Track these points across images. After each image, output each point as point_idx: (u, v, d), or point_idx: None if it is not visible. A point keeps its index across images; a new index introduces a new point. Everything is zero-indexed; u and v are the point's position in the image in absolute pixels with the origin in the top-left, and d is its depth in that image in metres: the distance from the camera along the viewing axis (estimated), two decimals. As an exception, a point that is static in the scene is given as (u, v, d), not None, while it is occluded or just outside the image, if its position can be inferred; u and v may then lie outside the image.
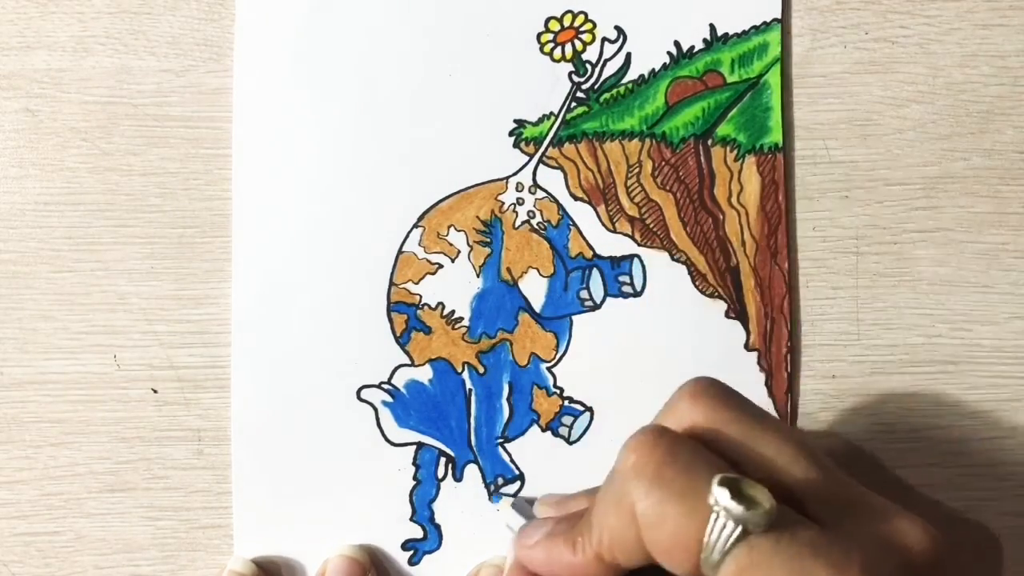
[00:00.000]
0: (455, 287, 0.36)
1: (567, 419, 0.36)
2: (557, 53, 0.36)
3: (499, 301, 0.36)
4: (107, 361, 0.36)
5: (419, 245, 0.36)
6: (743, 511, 0.24)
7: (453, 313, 0.36)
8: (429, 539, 0.36)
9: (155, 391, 0.36)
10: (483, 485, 0.36)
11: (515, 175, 0.36)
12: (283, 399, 0.35)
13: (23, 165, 0.36)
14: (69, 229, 0.36)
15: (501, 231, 0.36)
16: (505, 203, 0.36)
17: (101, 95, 0.36)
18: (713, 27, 0.36)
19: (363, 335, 0.36)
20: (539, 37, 0.36)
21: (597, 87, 0.36)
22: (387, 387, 0.36)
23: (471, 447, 0.36)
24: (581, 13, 0.36)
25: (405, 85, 0.36)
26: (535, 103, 0.36)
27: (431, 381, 0.36)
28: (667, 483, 0.25)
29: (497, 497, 0.36)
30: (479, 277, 0.36)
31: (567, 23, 0.36)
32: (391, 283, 0.36)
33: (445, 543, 0.36)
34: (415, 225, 0.36)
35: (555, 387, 0.36)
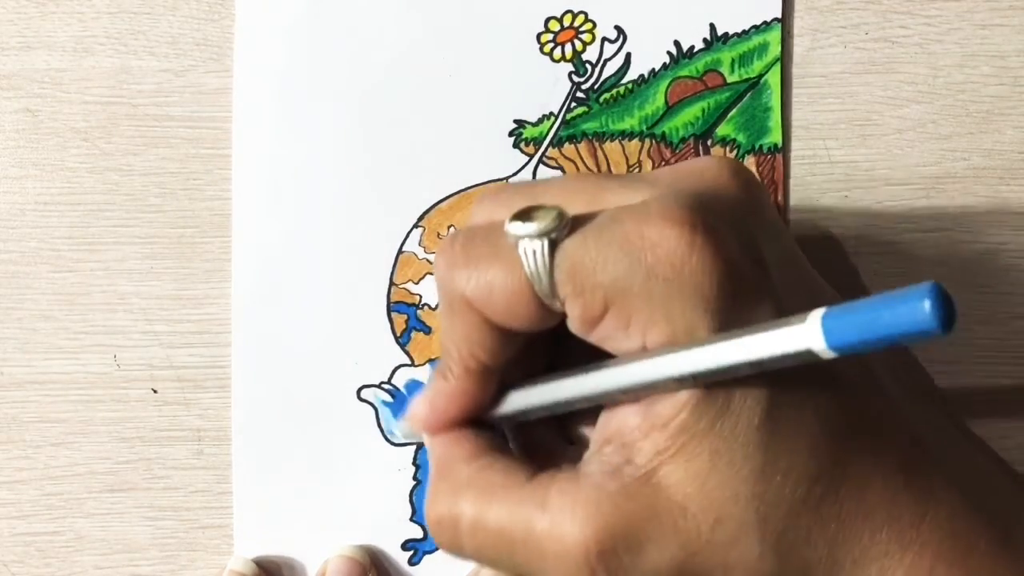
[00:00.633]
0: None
1: (567, 419, 0.36)
2: (557, 53, 0.36)
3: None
4: (107, 361, 0.36)
5: (419, 245, 0.36)
6: (538, 226, 0.25)
7: (453, 313, 0.36)
8: (429, 539, 0.36)
9: (155, 391, 0.36)
10: (483, 485, 0.36)
11: (515, 175, 0.36)
12: (283, 399, 0.36)
13: (23, 165, 0.36)
14: (69, 229, 0.36)
15: (501, 231, 0.36)
16: (505, 203, 0.36)
17: (101, 95, 0.36)
18: (713, 27, 0.36)
19: (363, 335, 0.36)
20: (539, 37, 0.36)
21: (597, 87, 0.36)
22: (387, 387, 0.36)
23: (471, 447, 0.36)
24: (581, 13, 0.36)
25: (405, 85, 0.36)
26: (535, 103, 0.36)
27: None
28: (476, 256, 0.26)
29: (392, 431, 0.36)
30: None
31: (567, 23, 0.36)
32: (391, 283, 0.36)
33: (445, 543, 0.36)
34: (415, 225, 0.36)
35: (555, 387, 0.36)
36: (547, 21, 0.36)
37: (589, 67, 0.36)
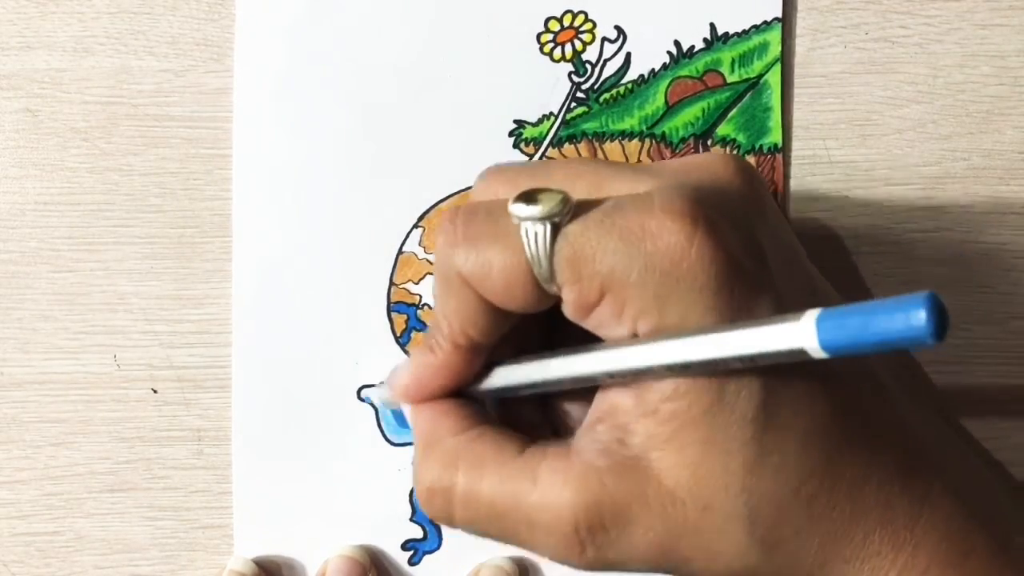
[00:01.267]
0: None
1: (567, 419, 0.36)
2: (557, 53, 0.36)
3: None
4: (107, 361, 0.36)
5: (419, 245, 0.36)
6: (541, 209, 0.25)
7: (453, 313, 0.36)
8: (429, 539, 0.36)
9: (155, 391, 0.36)
10: (483, 485, 0.36)
11: (515, 175, 0.36)
12: (283, 399, 0.36)
13: (23, 165, 0.36)
14: (69, 229, 0.36)
15: (501, 231, 0.36)
16: (505, 203, 0.36)
17: (101, 95, 0.36)
18: (713, 27, 0.36)
19: (363, 335, 0.36)
20: (539, 37, 0.36)
21: (597, 87, 0.36)
22: (387, 387, 0.36)
23: (471, 447, 0.36)
24: (581, 13, 0.36)
25: (405, 85, 0.36)
26: (535, 103, 0.36)
27: (431, 381, 0.36)
28: (476, 234, 0.26)
29: (367, 398, 0.36)
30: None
31: (567, 23, 0.36)
32: (391, 283, 0.36)
33: (445, 543, 0.36)
34: (415, 225, 0.36)
35: (555, 387, 0.36)
36: (547, 21, 0.36)
37: (589, 67, 0.36)
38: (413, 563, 0.36)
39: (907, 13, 0.36)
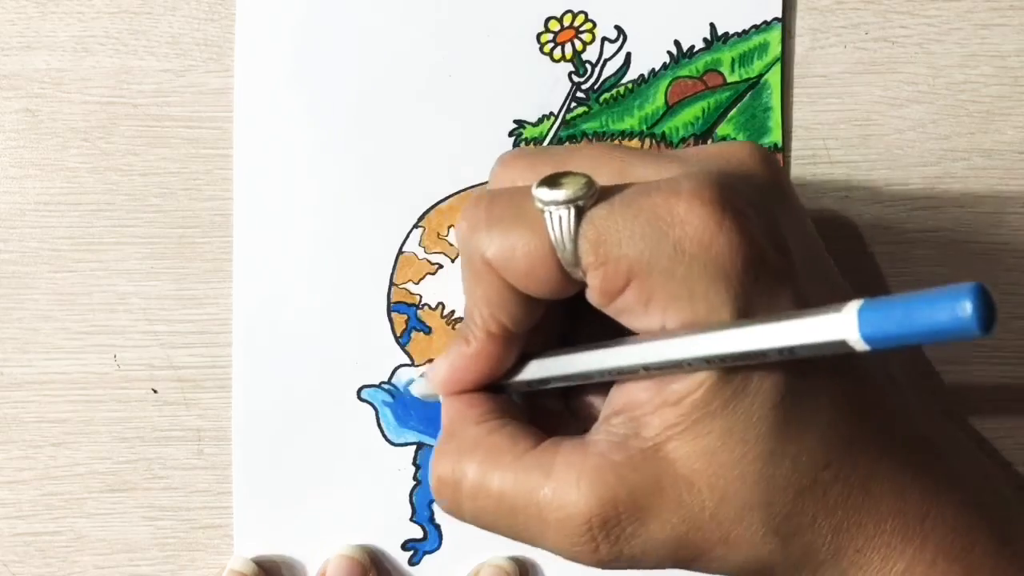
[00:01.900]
0: (455, 287, 0.36)
1: (567, 419, 0.36)
2: (557, 53, 0.36)
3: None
4: (107, 361, 0.36)
5: (419, 245, 0.36)
6: (566, 193, 0.25)
7: (453, 313, 0.36)
8: (429, 539, 0.36)
9: (155, 391, 0.36)
10: (483, 485, 0.36)
11: (515, 175, 0.36)
12: (283, 399, 0.36)
13: (23, 165, 0.36)
14: (69, 229, 0.36)
15: (501, 231, 0.36)
16: (505, 203, 0.36)
17: (101, 95, 0.36)
18: (713, 26, 0.36)
19: (363, 335, 0.36)
20: (539, 37, 0.36)
21: (597, 87, 0.36)
22: (387, 387, 0.36)
23: (471, 447, 0.36)
24: (581, 13, 0.36)
25: (405, 85, 0.36)
26: (535, 103, 0.36)
27: (431, 381, 0.36)
28: (500, 219, 0.26)
29: (406, 385, 0.36)
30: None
31: (567, 23, 0.36)
32: (391, 283, 0.36)
33: (445, 543, 0.36)
34: (415, 225, 0.36)
35: (555, 387, 0.36)
36: (547, 21, 0.36)
37: (589, 67, 0.36)
38: (413, 563, 0.36)
39: (907, 13, 0.36)
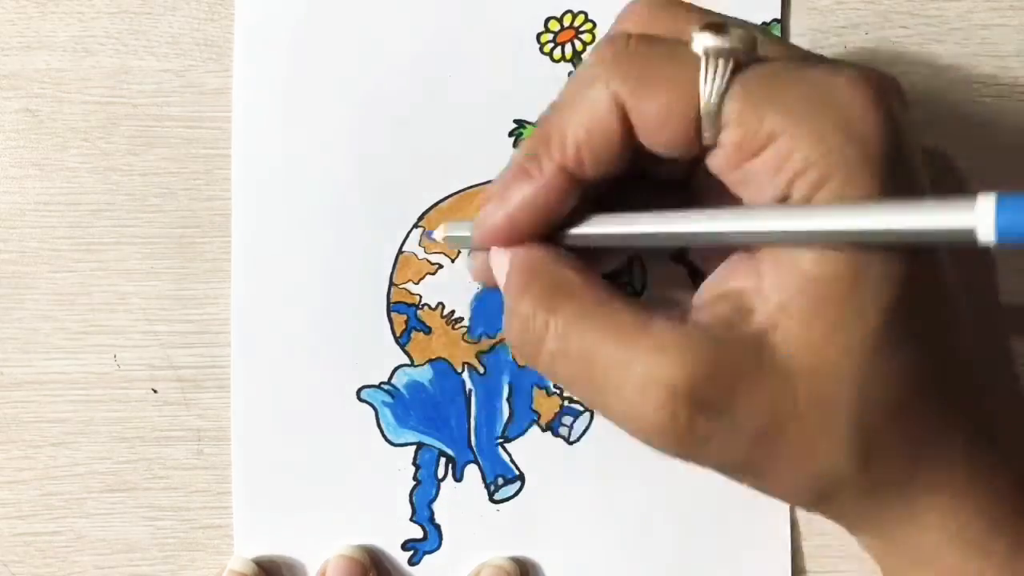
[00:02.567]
0: (455, 287, 0.36)
1: (567, 419, 0.36)
2: (557, 53, 0.36)
3: (499, 301, 0.36)
4: (107, 361, 0.36)
5: (419, 245, 0.36)
6: (731, 41, 0.24)
7: (453, 313, 0.36)
8: (429, 539, 0.36)
9: (155, 391, 0.36)
10: (483, 485, 0.36)
11: (515, 175, 0.36)
12: (283, 399, 0.36)
13: (23, 165, 0.36)
14: (69, 229, 0.36)
15: (501, 231, 0.36)
16: (505, 203, 0.36)
17: (101, 95, 0.36)
18: (713, 27, 0.36)
19: (363, 335, 0.36)
20: (539, 37, 0.36)
21: (597, 87, 0.36)
22: (387, 387, 0.36)
23: (471, 447, 0.36)
24: (581, 13, 0.36)
25: (405, 85, 0.36)
26: (535, 103, 0.36)
27: (431, 381, 0.36)
28: (649, 55, 0.25)
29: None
30: (479, 277, 0.36)
31: (567, 23, 0.36)
32: (391, 283, 0.36)
33: (445, 543, 0.36)
34: (415, 225, 0.36)
35: (555, 387, 0.36)
36: (547, 21, 0.36)
37: (589, 67, 0.36)
38: (413, 563, 0.36)
39: (907, 13, 0.36)
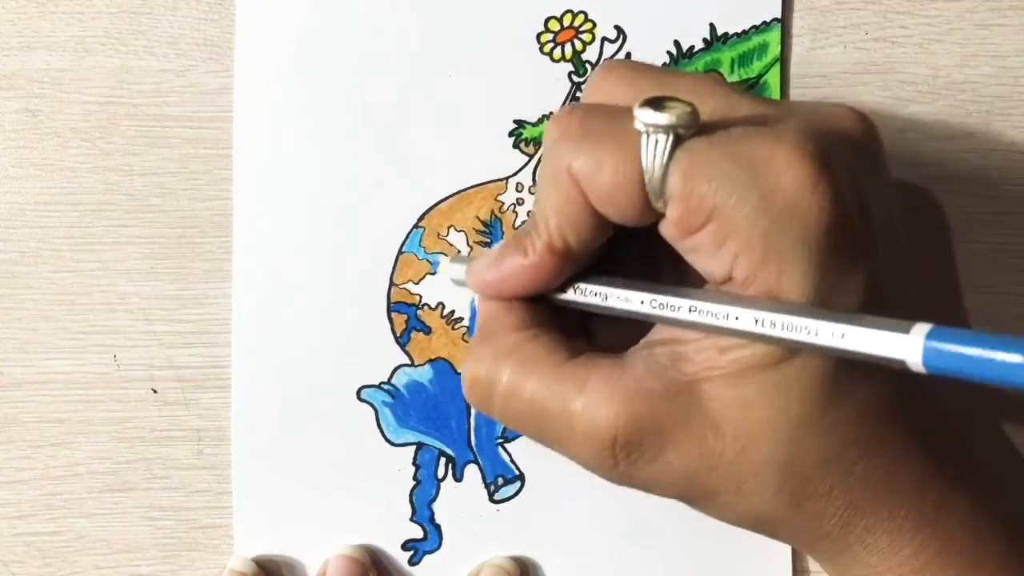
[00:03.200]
0: (455, 287, 0.36)
1: (567, 419, 0.36)
2: (557, 53, 0.36)
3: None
4: (107, 361, 0.36)
5: (419, 246, 0.36)
6: (669, 118, 0.24)
7: (453, 313, 0.36)
8: (429, 539, 0.36)
9: (155, 391, 0.36)
10: (483, 485, 0.36)
11: (515, 175, 0.36)
12: (283, 399, 0.36)
13: (23, 165, 0.36)
14: (69, 229, 0.36)
15: (501, 231, 0.36)
16: (505, 203, 0.36)
17: (101, 95, 0.36)
18: (713, 27, 0.36)
19: (363, 335, 0.36)
20: (539, 37, 0.36)
21: (597, 87, 0.36)
22: (387, 387, 0.36)
23: (471, 447, 0.36)
24: (581, 13, 0.36)
25: (405, 85, 0.36)
26: (535, 103, 0.36)
27: (431, 381, 0.36)
28: (593, 132, 0.26)
29: (436, 262, 0.36)
30: (479, 277, 0.36)
31: (567, 23, 0.36)
32: (391, 283, 0.36)
33: (445, 543, 0.36)
34: (415, 226, 0.36)
35: (555, 387, 0.36)
36: (547, 21, 0.36)
37: (589, 67, 0.36)
38: (413, 563, 0.36)
39: (907, 13, 0.36)
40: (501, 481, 0.36)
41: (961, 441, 0.28)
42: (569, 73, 0.36)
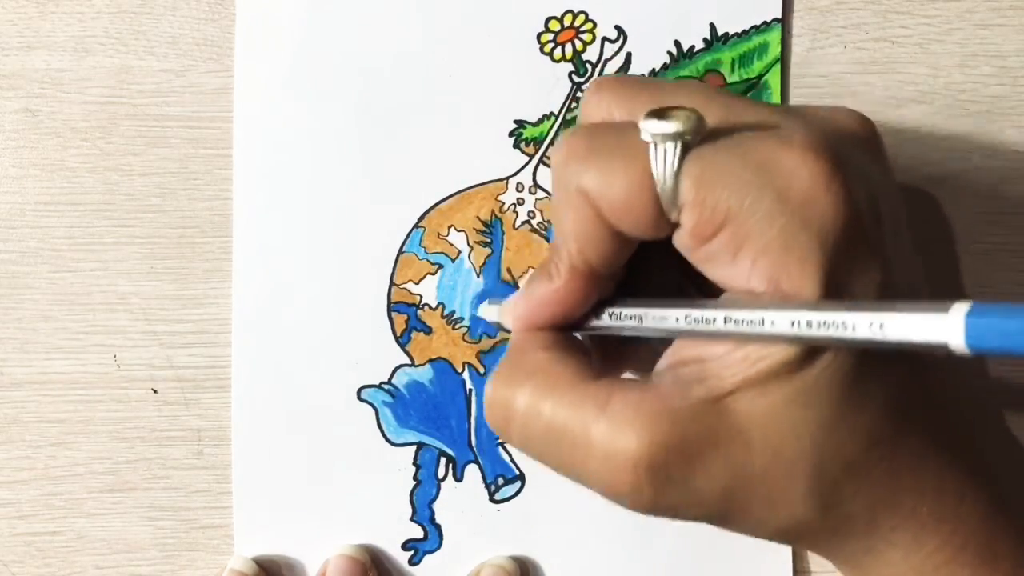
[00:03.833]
0: (456, 287, 0.36)
1: (567, 419, 0.36)
2: (557, 53, 0.36)
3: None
4: (107, 361, 0.36)
5: (419, 246, 0.36)
6: (675, 126, 0.24)
7: (453, 313, 0.36)
8: (429, 539, 0.36)
9: (155, 391, 0.36)
10: (483, 485, 0.36)
11: (515, 175, 0.36)
12: (283, 399, 0.36)
13: (23, 165, 0.36)
14: (69, 229, 0.36)
15: (501, 231, 0.36)
16: (505, 203, 0.36)
17: (101, 95, 0.36)
18: (713, 27, 0.36)
19: (363, 335, 0.36)
20: (539, 37, 0.36)
21: (597, 87, 0.36)
22: (387, 387, 0.36)
23: (471, 447, 0.36)
24: (581, 13, 0.36)
25: (405, 85, 0.36)
26: (535, 103, 0.36)
27: (431, 381, 0.36)
28: (600, 149, 0.26)
29: (474, 308, 0.36)
30: (480, 277, 0.36)
31: (567, 23, 0.36)
32: (391, 283, 0.36)
33: (445, 543, 0.36)
34: (415, 226, 0.36)
35: (555, 387, 0.36)
36: (547, 21, 0.36)
37: (589, 67, 0.36)
38: (413, 563, 0.36)
39: (907, 13, 0.36)
40: (501, 481, 0.36)
41: (973, 437, 0.28)
42: (569, 73, 0.36)
